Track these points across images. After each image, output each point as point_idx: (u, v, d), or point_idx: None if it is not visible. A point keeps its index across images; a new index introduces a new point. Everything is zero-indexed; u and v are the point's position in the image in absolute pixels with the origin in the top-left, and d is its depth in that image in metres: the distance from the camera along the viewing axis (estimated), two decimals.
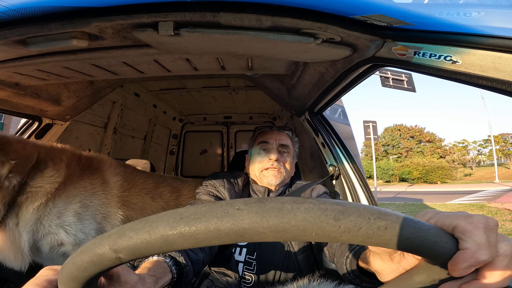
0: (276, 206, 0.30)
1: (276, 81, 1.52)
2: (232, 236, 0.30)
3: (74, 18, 0.73)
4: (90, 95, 1.66)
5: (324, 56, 0.92)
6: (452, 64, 0.65)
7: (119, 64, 1.10)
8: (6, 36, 0.77)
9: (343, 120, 2.31)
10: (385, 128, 41.42)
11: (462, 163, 35.04)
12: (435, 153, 35.90)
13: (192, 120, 3.56)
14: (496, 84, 0.60)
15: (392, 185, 25.36)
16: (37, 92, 1.40)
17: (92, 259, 0.33)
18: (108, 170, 1.37)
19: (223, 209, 0.31)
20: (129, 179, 1.44)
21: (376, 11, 0.67)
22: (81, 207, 1.18)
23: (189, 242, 0.30)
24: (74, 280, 0.35)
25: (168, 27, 0.73)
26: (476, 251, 0.34)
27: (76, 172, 1.23)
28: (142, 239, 0.31)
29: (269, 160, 1.18)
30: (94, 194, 1.24)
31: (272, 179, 1.16)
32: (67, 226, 1.14)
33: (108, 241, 0.32)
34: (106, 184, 1.31)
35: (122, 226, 0.33)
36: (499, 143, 32.99)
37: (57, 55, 0.97)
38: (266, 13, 0.70)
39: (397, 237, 0.31)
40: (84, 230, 1.17)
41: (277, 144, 1.24)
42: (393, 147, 39.35)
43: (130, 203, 1.38)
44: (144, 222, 0.32)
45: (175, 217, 0.31)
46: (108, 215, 1.26)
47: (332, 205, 0.31)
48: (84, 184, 1.23)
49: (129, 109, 2.61)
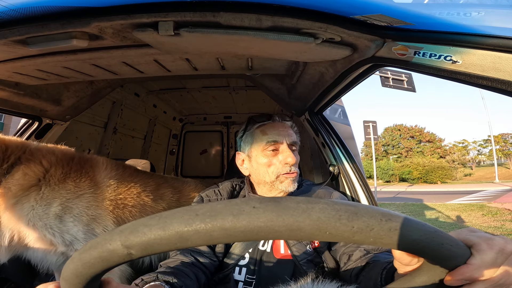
0: (291, 205, 0.31)
1: (276, 81, 1.52)
2: (248, 234, 0.30)
3: (74, 18, 0.73)
4: (90, 95, 1.66)
5: (324, 56, 0.92)
6: (452, 64, 0.65)
7: (119, 64, 1.11)
8: (6, 36, 0.77)
9: (343, 120, 2.31)
10: (385, 128, 41.60)
11: (462, 163, 35.15)
12: (435, 153, 36.07)
13: (192, 120, 3.56)
14: (496, 84, 0.60)
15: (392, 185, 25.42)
16: (37, 92, 1.40)
17: (102, 255, 0.32)
18: (102, 173, 1.36)
19: (239, 207, 0.31)
20: (127, 180, 1.43)
21: (376, 11, 0.67)
22: (62, 210, 1.17)
23: (204, 239, 0.30)
24: (78, 276, 0.34)
25: (168, 27, 0.73)
26: (476, 269, 0.36)
27: (57, 175, 1.21)
28: (156, 235, 0.31)
29: (285, 165, 1.01)
30: (79, 197, 1.22)
31: (289, 186, 1.02)
32: (50, 228, 1.14)
33: (120, 236, 0.32)
34: (96, 186, 1.30)
35: (133, 222, 0.33)
36: (499, 143, 33.13)
37: (57, 55, 0.97)
38: (266, 13, 0.70)
39: (406, 238, 0.32)
40: (70, 232, 1.16)
41: (289, 141, 1.04)
42: (393, 147, 39.48)
43: (127, 205, 1.37)
44: (158, 218, 0.32)
45: (190, 214, 0.31)
46: (97, 217, 1.25)
47: (346, 206, 0.31)
48: (67, 186, 1.21)
49: (129, 109, 2.61)
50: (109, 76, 1.24)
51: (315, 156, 2.20)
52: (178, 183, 1.74)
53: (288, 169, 1.01)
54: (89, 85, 1.61)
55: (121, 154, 2.63)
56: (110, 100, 2.35)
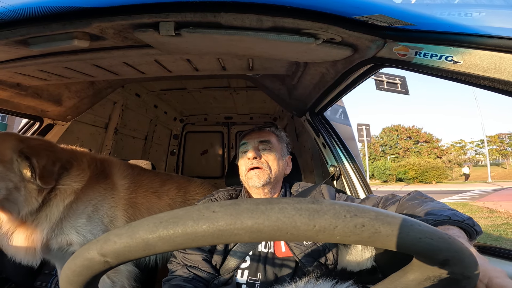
0: (250, 208, 0.31)
1: (277, 82, 1.52)
2: (209, 238, 0.31)
3: (75, 19, 0.73)
4: (91, 95, 1.67)
5: (325, 56, 0.92)
6: (453, 65, 0.65)
7: (120, 64, 1.11)
8: (8, 36, 0.77)
9: (343, 120, 2.30)
10: (383, 128, 41.68)
11: (457, 163, 35.25)
12: (432, 153, 36.30)
13: (193, 120, 3.56)
14: (497, 85, 0.60)
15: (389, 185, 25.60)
16: (38, 92, 1.41)
17: (84, 263, 0.34)
18: (117, 174, 1.40)
19: (199, 212, 0.31)
20: (135, 180, 1.46)
21: (377, 12, 0.67)
22: (93, 211, 1.23)
23: (168, 245, 0.31)
24: (71, 284, 0.36)
25: (169, 27, 0.73)
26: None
27: (94, 175, 1.27)
28: (125, 243, 0.32)
29: (248, 160, 1.10)
30: (105, 198, 1.28)
31: (255, 179, 1.08)
32: (79, 227, 1.18)
33: (96, 246, 0.34)
34: (115, 188, 1.34)
35: (108, 232, 0.34)
36: (495, 143, 33.77)
37: (58, 55, 0.97)
38: (267, 13, 0.70)
39: (375, 234, 0.30)
40: (92, 232, 1.21)
41: (256, 142, 1.15)
42: (391, 147, 39.65)
43: (137, 204, 1.40)
44: (127, 227, 0.33)
45: (154, 222, 0.32)
46: (114, 218, 1.30)
47: (307, 204, 0.31)
48: (99, 188, 1.28)
49: (130, 109, 2.61)
50: (110, 77, 1.24)
51: (316, 157, 2.20)
52: (183, 180, 1.76)
53: (250, 164, 1.09)
54: (90, 86, 1.62)
55: (122, 155, 2.63)
56: (111, 100, 2.35)
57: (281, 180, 1.19)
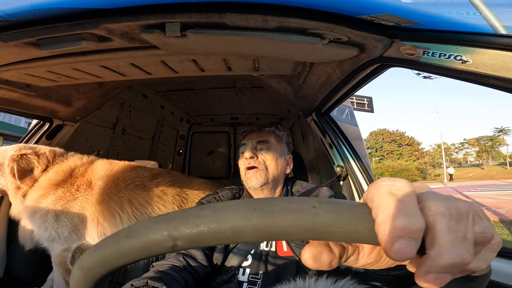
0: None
1: (283, 82, 1.51)
2: (311, 234, 0.27)
3: (83, 20, 0.74)
4: (99, 96, 1.69)
5: (331, 56, 0.92)
6: (462, 64, 0.64)
7: (127, 65, 1.12)
8: (18, 37, 0.78)
9: (350, 120, 2.28)
10: (370, 133, 46.74)
11: (432, 165, 40.83)
12: (413, 155, 40.58)
13: (199, 121, 3.57)
14: (508, 84, 0.59)
15: None
16: (48, 93, 1.43)
17: (143, 245, 0.29)
18: (99, 179, 1.45)
19: (300, 204, 0.28)
20: (117, 176, 1.49)
21: (383, 11, 0.67)
22: (61, 210, 1.33)
23: (259, 236, 0.28)
24: (102, 267, 0.31)
25: (175, 28, 0.73)
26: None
27: (65, 178, 1.40)
28: (210, 228, 0.28)
29: (246, 160, 1.12)
30: (76, 199, 1.36)
31: (253, 180, 1.08)
32: (47, 223, 1.30)
33: (168, 226, 0.29)
34: (90, 189, 1.41)
35: (178, 213, 0.30)
36: (474, 146, 38.47)
37: (67, 56, 0.99)
38: (272, 13, 0.70)
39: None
40: (57, 230, 1.31)
41: (254, 142, 1.16)
42: (377, 150, 43.68)
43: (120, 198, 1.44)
44: (211, 210, 0.29)
45: (248, 208, 0.28)
46: (84, 219, 1.36)
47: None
48: (71, 189, 1.37)
49: (137, 110, 2.64)
50: (118, 78, 1.26)
51: (322, 157, 2.19)
52: (181, 175, 1.77)
53: (247, 163, 1.10)
54: (98, 87, 1.64)
55: (129, 155, 2.65)
56: (118, 101, 2.38)
57: (282, 180, 1.19)
